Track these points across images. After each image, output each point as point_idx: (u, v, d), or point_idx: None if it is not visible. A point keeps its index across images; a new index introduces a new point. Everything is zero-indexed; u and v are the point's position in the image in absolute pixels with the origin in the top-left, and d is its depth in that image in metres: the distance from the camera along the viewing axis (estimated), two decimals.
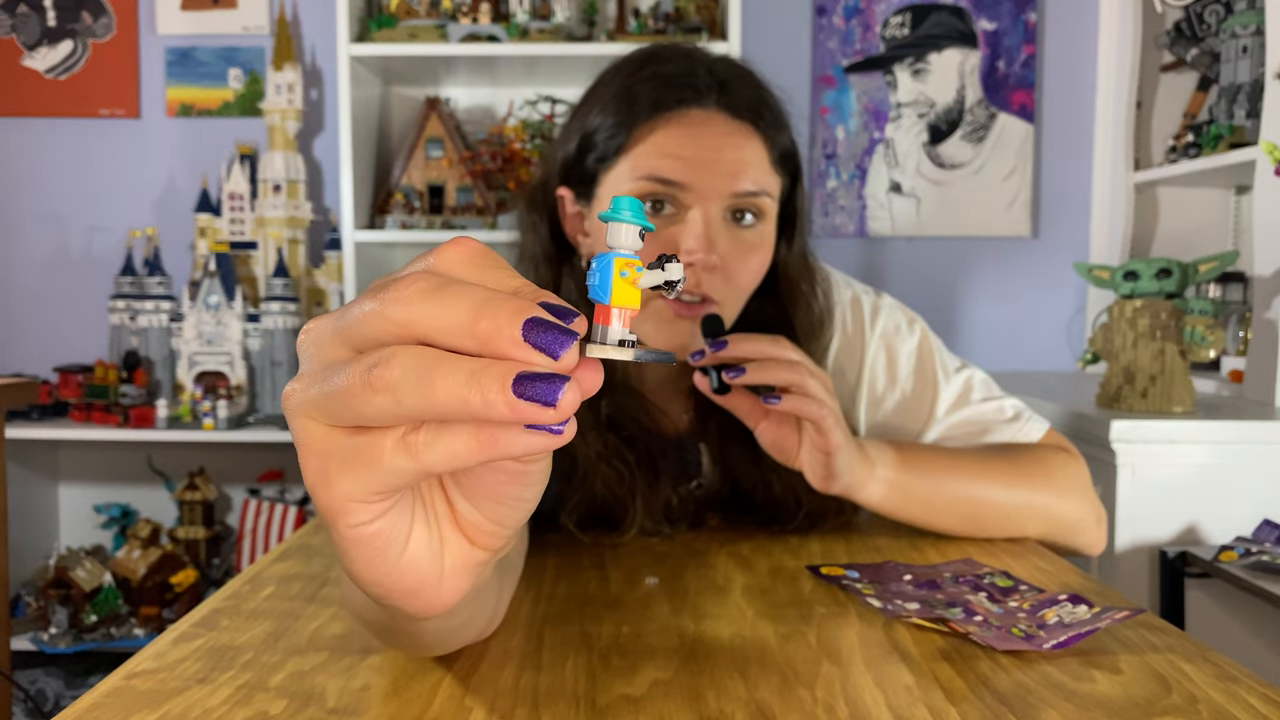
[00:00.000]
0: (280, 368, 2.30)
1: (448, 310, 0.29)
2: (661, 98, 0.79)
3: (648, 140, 0.78)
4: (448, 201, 2.29)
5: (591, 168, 0.82)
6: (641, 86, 0.80)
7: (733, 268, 0.79)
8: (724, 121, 0.79)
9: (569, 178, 0.84)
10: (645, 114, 0.79)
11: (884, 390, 0.93)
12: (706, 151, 0.78)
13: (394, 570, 0.35)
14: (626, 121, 0.79)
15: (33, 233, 2.48)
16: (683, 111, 0.78)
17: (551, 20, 2.19)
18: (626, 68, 0.83)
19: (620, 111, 0.80)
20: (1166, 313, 1.50)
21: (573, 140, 0.83)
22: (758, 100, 0.81)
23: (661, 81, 0.80)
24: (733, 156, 0.78)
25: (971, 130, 2.43)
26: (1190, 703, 0.50)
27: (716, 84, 0.80)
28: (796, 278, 0.87)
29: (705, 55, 0.83)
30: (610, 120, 0.80)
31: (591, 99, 0.84)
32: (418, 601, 0.37)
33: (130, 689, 0.50)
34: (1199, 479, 1.44)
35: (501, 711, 0.48)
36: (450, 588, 0.37)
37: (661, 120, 0.78)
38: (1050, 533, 0.85)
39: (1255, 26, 1.89)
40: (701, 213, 0.77)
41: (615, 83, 0.82)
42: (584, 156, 0.82)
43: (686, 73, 0.80)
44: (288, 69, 2.33)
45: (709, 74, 0.80)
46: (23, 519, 2.32)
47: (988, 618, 0.60)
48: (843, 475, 0.75)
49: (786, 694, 0.50)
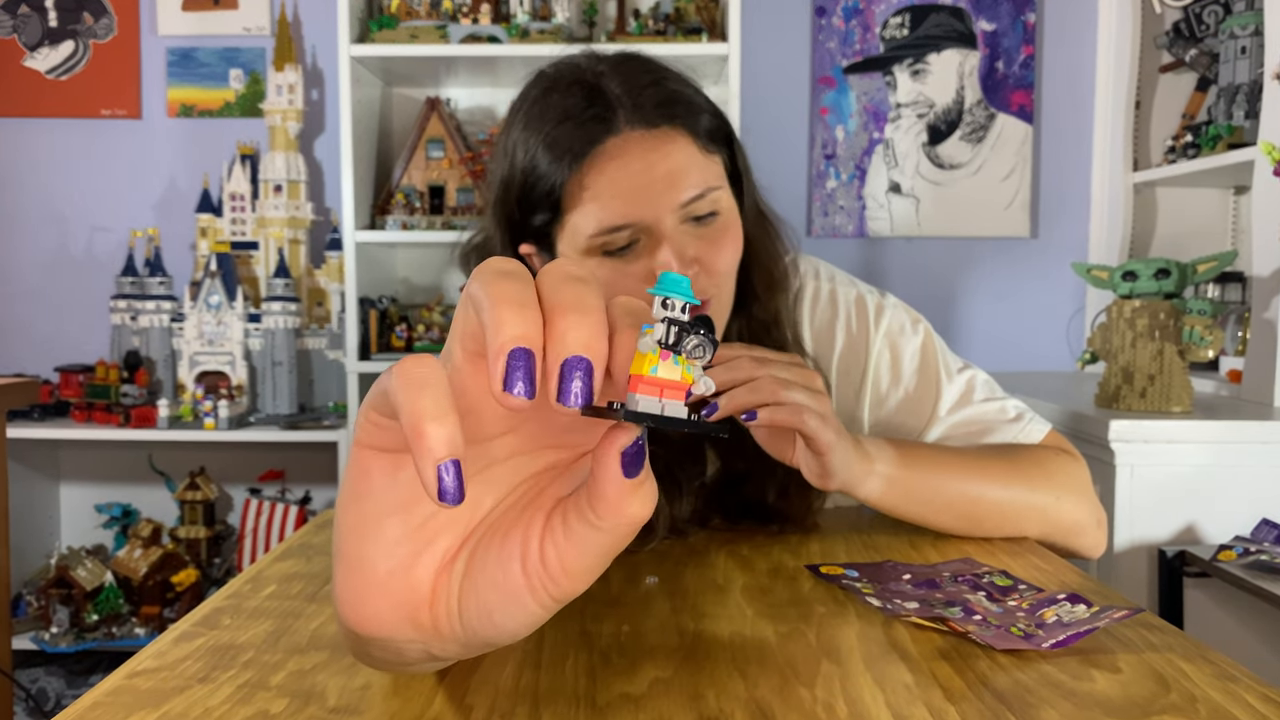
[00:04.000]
0: (281, 367, 2.30)
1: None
2: (574, 144, 0.78)
3: (582, 194, 0.78)
4: (448, 202, 2.29)
5: (540, 228, 0.82)
6: (554, 135, 0.78)
7: (710, 262, 0.80)
8: (642, 137, 0.78)
9: (519, 236, 0.84)
10: (568, 167, 0.78)
11: (887, 389, 0.94)
12: (638, 178, 0.77)
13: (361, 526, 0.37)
14: (553, 180, 0.79)
15: (34, 233, 2.48)
16: (599, 149, 0.78)
17: (552, 21, 2.20)
18: (531, 113, 0.82)
19: (545, 168, 0.79)
20: (1165, 313, 1.50)
21: (508, 195, 0.82)
22: (665, 98, 0.80)
23: (569, 124, 0.78)
24: (664, 169, 0.78)
25: (971, 131, 2.43)
26: (1189, 702, 0.50)
27: (618, 101, 0.79)
28: (752, 232, 0.87)
29: (595, 73, 0.81)
30: (537, 178, 0.79)
31: (509, 150, 0.83)
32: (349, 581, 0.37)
33: (131, 688, 0.50)
34: (1197, 479, 1.44)
35: (502, 710, 0.48)
36: (374, 608, 0.37)
37: (585, 166, 0.78)
38: (1049, 534, 0.85)
39: (1254, 27, 1.89)
40: (663, 235, 0.78)
41: (528, 135, 0.81)
42: (528, 218, 0.82)
43: (586, 104, 0.79)
44: (289, 69, 2.34)
45: (605, 96, 0.79)
46: (24, 518, 2.32)
47: (987, 617, 0.61)
48: (839, 472, 0.75)
49: (786, 693, 0.50)
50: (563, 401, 0.30)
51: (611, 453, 0.33)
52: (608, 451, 0.33)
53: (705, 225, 0.81)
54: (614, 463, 0.33)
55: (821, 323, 0.95)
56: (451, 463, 0.30)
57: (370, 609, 0.37)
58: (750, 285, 0.87)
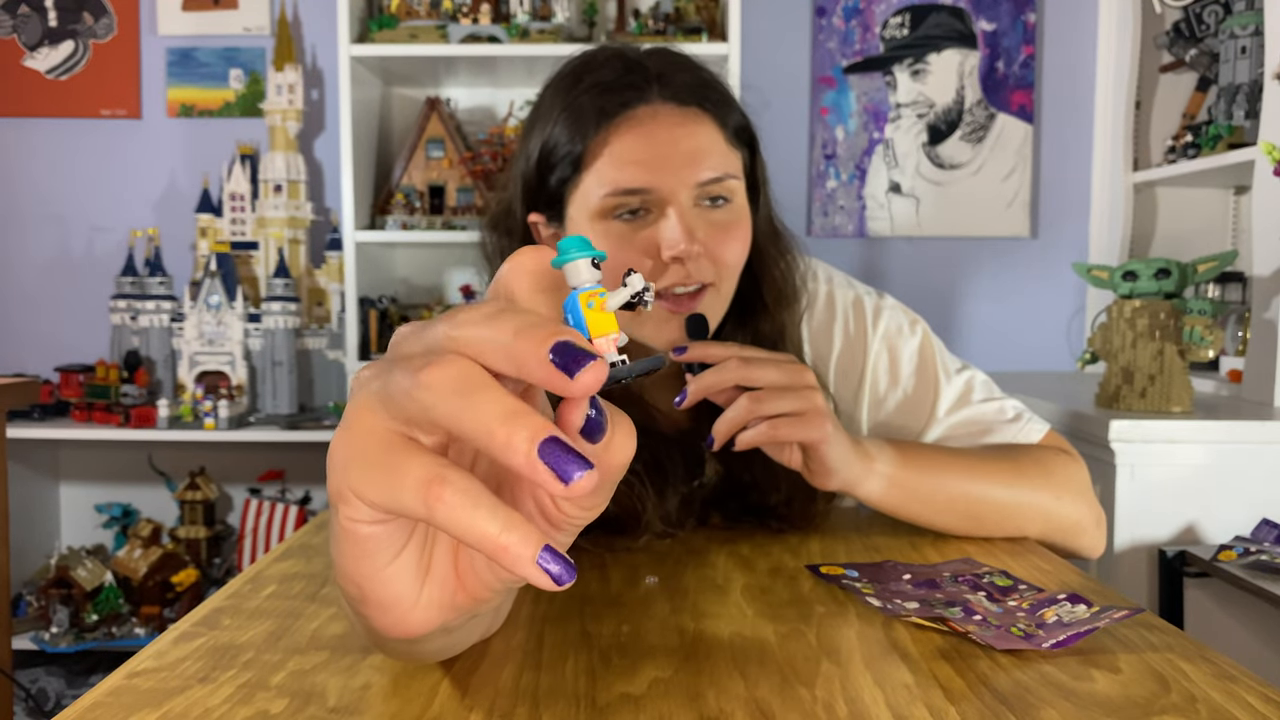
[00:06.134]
0: (281, 367, 2.30)
1: (495, 330, 0.31)
2: (606, 105, 0.79)
3: (604, 153, 0.78)
4: (448, 202, 2.29)
5: (555, 189, 0.82)
6: (585, 99, 0.80)
7: (716, 250, 0.80)
8: (671, 111, 0.79)
9: (535, 201, 0.84)
10: (595, 126, 0.79)
11: (886, 390, 0.94)
12: (662, 148, 0.78)
13: (375, 577, 0.36)
14: (579, 137, 0.79)
15: (34, 233, 2.48)
16: (629, 113, 0.79)
17: (552, 21, 2.20)
18: (565, 82, 0.83)
19: (570, 127, 0.80)
20: (1165, 313, 1.50)
21: (530, 162, 0.83)
22: (699, 82, 0.82)
23: (602, 89, 0.80)
24: (688, 146, 0.79)
25: (971, 131, 2.43)
26: (1189, 702, 0.50)
27: (655, 77, 0.80)
28: (764, 244, 0.88)
29: (637, 51, 0.83)
30: (563, 138, 0.80)
31: (539, 118, 0.84)
32: (386, 618, 0.37)
33: (131, 688, 0.50)
34: (1198, 479, 1.44)
35: (502, 710, 0.48)
36: (420, 618, 0.37)
37: (612, 128, 0.78)
38: (1049, 533, 0.86)
39: (1254, 27, 1.89)
40: (674, 207, 0.78)
41: (559, 99, 0.82)
42: (545, 178, 0.82)
43: (624, 73, 0.80)
44: (288, 69, 2.34)
45: (645, 69, 0.80)
46: (24, 518, 2.32)
47: (987, 617, 0.61)
48: (839, 470, 0.76)
49: (786, 693, 0.50)
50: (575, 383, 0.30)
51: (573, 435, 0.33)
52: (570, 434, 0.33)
53: (717, 211, 0.81)
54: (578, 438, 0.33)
55: (819, 325, 0.95)
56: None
57: (416, 623, 0.38)
58: (759, 298, 0.87)
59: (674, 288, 0.79)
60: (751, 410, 0.73)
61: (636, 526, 0.79)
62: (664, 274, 0.79)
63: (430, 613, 0.37)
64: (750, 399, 0.73)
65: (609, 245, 0.79)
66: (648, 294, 0.33)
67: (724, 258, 0.81)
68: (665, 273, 0.78)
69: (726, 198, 0.81)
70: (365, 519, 0.34)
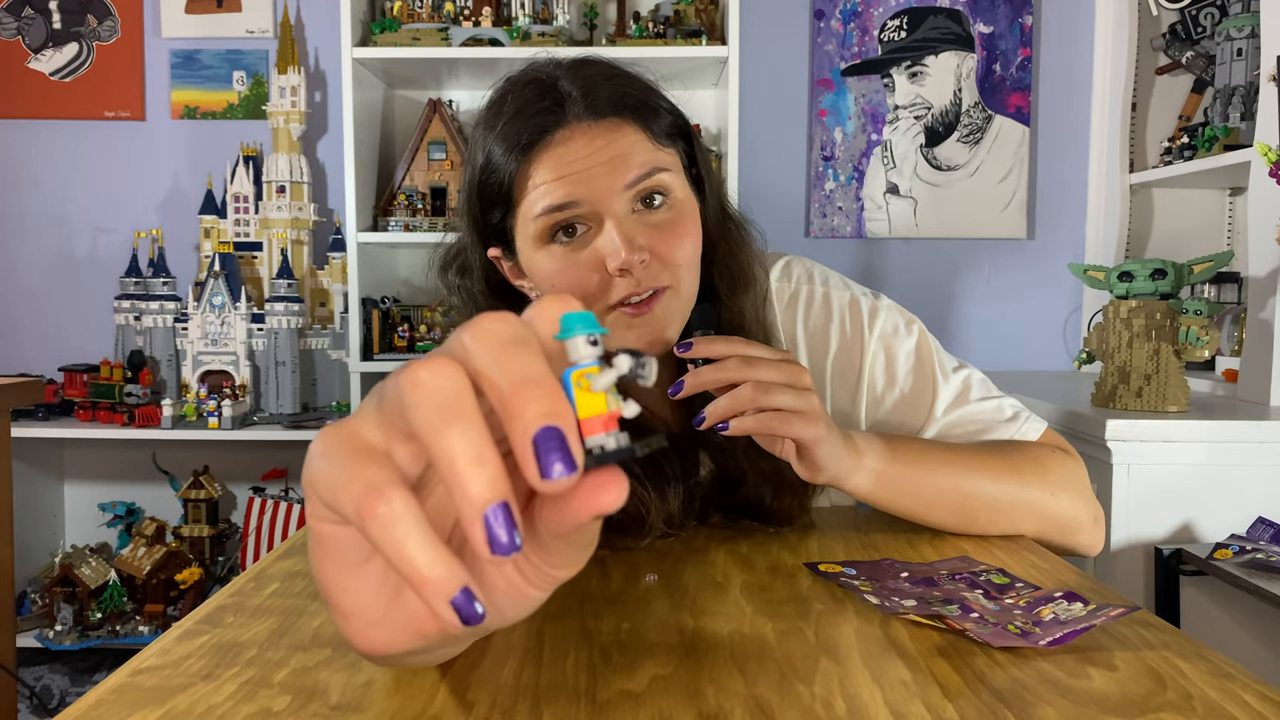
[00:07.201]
0: (284, 367, 2.31)
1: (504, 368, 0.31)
2: (524, 135, 0.79)
3: (529, 183, 0.79)
4: (450, 203, 2.29)
5: (499, 225, 0.83)
6: (507, 129, 0.80)
7: (664, 250, 0.79)
8: (588, 127, 0.79)
9: (487, 238, 0.85)
10: (517, 158, 0.79)
11: (883, 390, 0.94)
12: (583, 162, 0.78)
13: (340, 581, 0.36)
14: (505, 172, 0.80)
15: (39, 234, 2.49)
16: (547, 139, 0.78)
17: (553, 24, 2.20)
18: (489, 113, 0.83)
19: (497, 164, 0.80)
20: (1161, 313, 1.51)
21: (473, 199, 0.84)
22: (616, 92, 0.81)
23: (521, 118, 0.79)
24: (609, 154, 0.78)
25: (968, 133, 2.43)
26: (1185, 700, 0.50)
27: (568, 97, 0.79)
28: (714, 231, 0.87)
29: (554, 69, 0.82)
30: (491, 176, 0.81)
31: (470, 157, 0.84)
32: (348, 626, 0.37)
33: (135, 685, 0.50)
34: (1194, 478, 1.45)
35: (503, 707, 0.48)
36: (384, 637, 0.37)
37: (532, 158, 0.78)
38: (1045, 530, 0.85)
39: (1250, 29, 1.90)
40: (610, 218, 0.77)
41: (483, 136, 0.82)
42: (488, 215, 0.83)
43: (539, 96, 0.80)
44: (291, 72, 2.34)
45: (558, 92, 0.80)
46: (28, 517, 2.33)
47: (984, 614, 0.61)
48: (828, 466, 0.76)
49: (785, 690, 0.51)
50: (548, 478, 0.30)
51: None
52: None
53: (657, 213, 0.80)
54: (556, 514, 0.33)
55: (815, 326, 0.95)
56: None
57: (380, 641, 0.37)
58: (713, 287, 0.87)
59: (629, 299, 0.78)
60: (752, 399, 0.73)
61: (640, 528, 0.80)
62: (613, 288, 0.78)
63: (394, 635, 0.37)
64: (753, 388, 0.73)
65: (554, 268, 0.79)
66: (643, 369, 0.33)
67: (673, 258, 0.80)
68: (614, 287, 0.78)
69: (662, 193, 0.80)
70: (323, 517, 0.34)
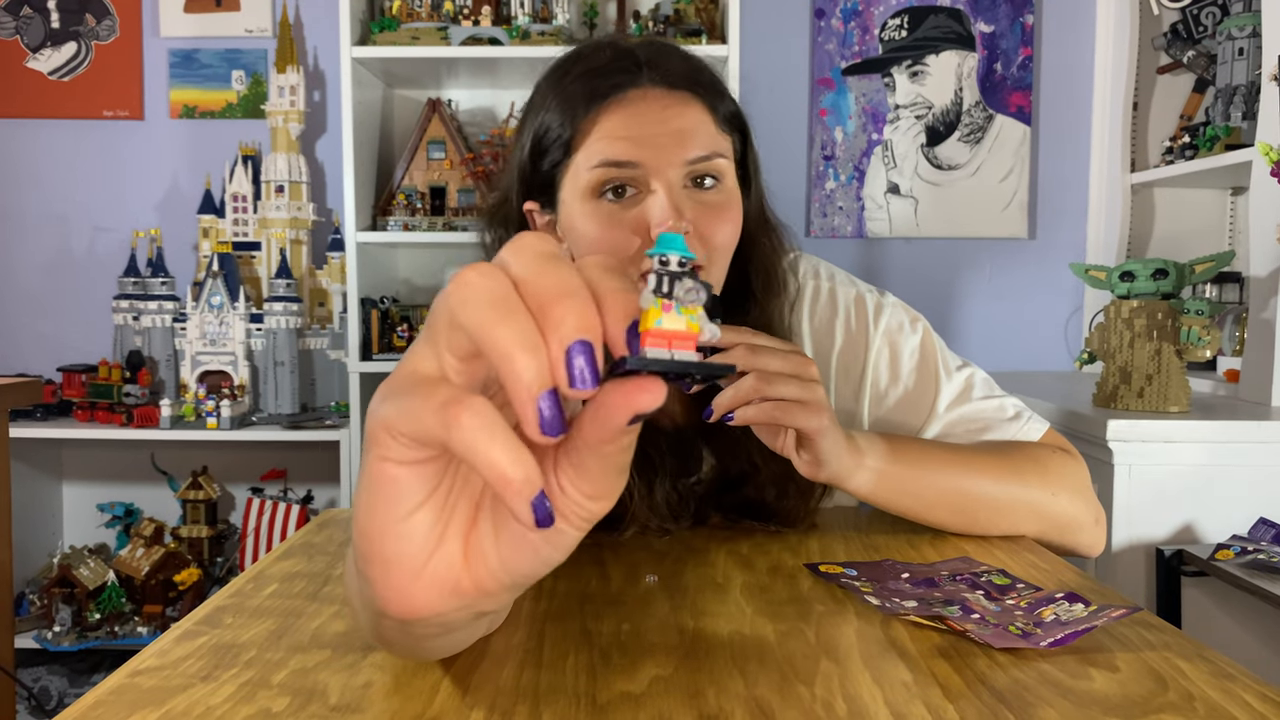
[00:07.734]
0: (283, 367, 2.31)
1: (546, 275, 0.33)
2: (597, 88, 0.80)
3: (594, 132, 0.79)
4: (449, 203, 2.29)
5: (548, 173, 0.83)
6: (575, 84, 0.81)
7: (705, 230, 0.79)
8: (662, 94, 0.80)
9: (530, 189, 0.85)
10: (585, 108, 0.80)
11: (887, 386, 0.94)
12: (651, 126, 0.78)
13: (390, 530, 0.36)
14: (569, 120, 0.80)
15: (37, 233, 2.49)
16: (620, 95, 0.79)
17: (552, 23, 2.20)
18: (557, 72, 0.84)
19: (562, 112, 0.81)
20: (1163, 313, 1.51)
21: (524, 151, 0.84)
22: (690, 69, 0.82)
23: (593, 74, 0.81)
24: (677, 125, 0.79)
25: (969, 132, 2.43)
26: (1187, 700, 0.50)
27: (645, 63, 0.81)
28: (755, 233, 0.88)
29: (629, 40, 0.84)
30: (554, 123, 0.81)
31: (532, 108, 0.85)
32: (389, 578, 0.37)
33: (134, 686, 0.50)
34: (1195, 478, 1.44)
35: (503, 708, 0.48)
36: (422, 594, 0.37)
37: (602, 109, 0.79)
38: (1045, 531, 0.85)
39: (1252, 28, 1.89)
40: (662, 184, 0.78)
41: (551, 87, 0.83)
42: (538, 165, 0.83)
43: (615, 59, 0.81)
44: (290, 71, 2.34)
45: (635, 56, 0.81)
46: (27, 518, 2.32)
47: (985, 615, 0.61)
48: (829, 462, 0.76)
49: (785, 691, 0.51)
50: (576, 387, 0.31)
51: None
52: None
53: (707, 192, 0.81)
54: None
55: (821, 321, 0.95)
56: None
57: (419, 599, 0.37)
58: (749, 288, 0.87)
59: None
60: (757, 389, 0.73)
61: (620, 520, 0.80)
62: None
63: (432, 593, 0.37)
64: (757, 377, 0.73)
65: (597, 224, 0.79)
66: (694, 293, 0.33)
67: (713, 238, 0.80)
68: None
69: (716, 177, 0.81)
70: (394, 457, 0.35)
